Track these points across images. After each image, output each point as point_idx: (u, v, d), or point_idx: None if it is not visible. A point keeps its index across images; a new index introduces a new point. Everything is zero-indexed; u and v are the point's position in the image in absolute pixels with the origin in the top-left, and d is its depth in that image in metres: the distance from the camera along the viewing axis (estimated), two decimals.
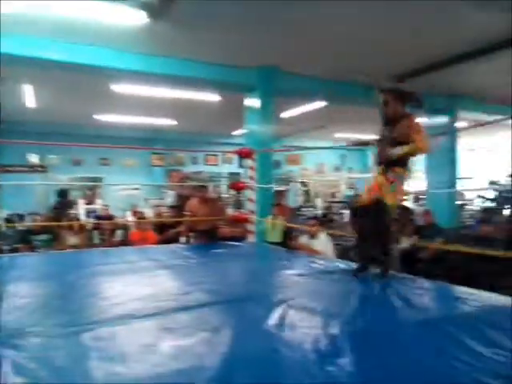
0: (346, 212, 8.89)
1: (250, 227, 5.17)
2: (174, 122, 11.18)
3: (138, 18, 4.84)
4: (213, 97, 8.29)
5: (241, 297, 2.54)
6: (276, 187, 8.44)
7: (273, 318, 2.06)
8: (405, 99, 2.89)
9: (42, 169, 10.08)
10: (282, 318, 2.06)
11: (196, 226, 5.05)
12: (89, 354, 1.67)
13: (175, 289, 2.78)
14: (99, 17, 4.86)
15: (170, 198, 10.11)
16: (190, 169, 13.47)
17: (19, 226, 7.07)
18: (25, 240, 5.28)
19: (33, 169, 9.81)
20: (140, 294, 2.57)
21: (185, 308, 2.31)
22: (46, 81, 7.25)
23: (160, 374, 1.50)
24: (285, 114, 9.71)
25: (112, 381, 1.45)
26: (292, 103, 8.90)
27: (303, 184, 14.19)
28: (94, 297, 2.57)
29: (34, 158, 10.59)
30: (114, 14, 4.78)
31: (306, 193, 14.11)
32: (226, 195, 11.80)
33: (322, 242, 5.02)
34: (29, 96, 8.24)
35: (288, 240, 5.28)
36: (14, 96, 8.11)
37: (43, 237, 5.38)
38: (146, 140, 12.29)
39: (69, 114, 10.07)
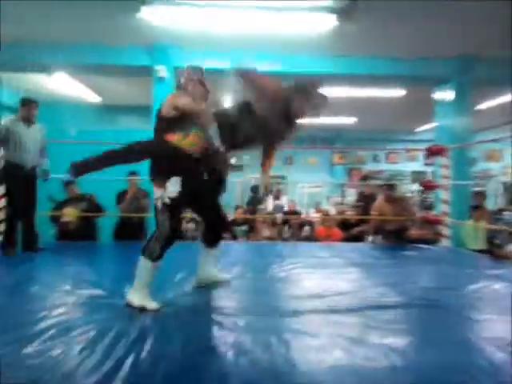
0: None
1: (444, 230, 4.80)
2: (354, 121, 11.15)
3: (328, 22, 5.03)
4: (396, 92, 7.99)
5: (436, 303, 2.42)
6: (475, 187, 7.58)
7: (469, 331, 1.92)
8: None
9: (237, 168, 11.37)
10: (477, 333, 1.89)
11: (383, 225, 4.96)
12: (295, 339, 1.85)
13: (369, 287, 2.80)
14: (288, 27, 5.25)
15: (351, 196, 10.13)
16: (370, 167, 13.23)
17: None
18: (229, 230, 6.08)
19: (233, 168, 11.16)
20: (336, 289, 2.70)
21: (382, 307, 2.34)
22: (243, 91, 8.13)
23: (375, 369, 1.57)
24: (482, 106, 8.65)
25: (318, 368, 1.58)
26: (489, 94, 7.87)
27: (505, 184, 12.33)
28: (293, 286, 2.81)
29: (232, 160, 12.01)
30: (305, 23, 5.09)
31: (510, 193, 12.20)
32: (410, 195, 11.17)
33: None
34: (228, 106, 9.39)
35: (494, 247, 4.71)
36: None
37: (243, 227, 6.08)
38: (328, 139, 12.57)
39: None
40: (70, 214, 4.43)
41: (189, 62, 6.02)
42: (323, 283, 2.87)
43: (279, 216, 7.07)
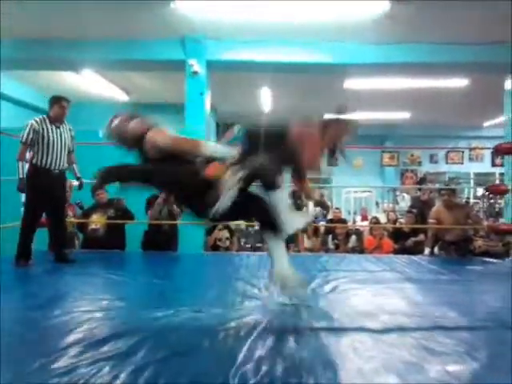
0: None
1: None
2: (407, 116, 10.94)
3: (380, 6, 4.99)
4: (458, 82, 7.78)
5: (507, 325, 2.35)
6: None
7: None
8: None
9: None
10: None
11: (442, 235, 4.85)
12: (343, 361, 1.85)
13: (427, 305, 2.76)
14: (336, 14, 5.25)
15: (404, 202, 9.95)
16: (427, 168, 12.90)
17: (256, 226, 8.23)
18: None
19: None
20: (389, 307, 2.67)
21: (443, 328, 2.30)
22: (283, 84, 8.18)
23: None
24: None
25: None
26: None
27: None
28: (341, 303, 2.80)
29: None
30: (355, 7, 5.07)
31: None
32: (474, 200, 10.82)
33: None
34: (265, 100, 9.48)
35: None
36: (251, 101, 9.49)
37: None
38: (376, 137, 12.40)
39: (300, 116, 11.07)
40: (97, 220, 4.61)
41: (224, 55, 6.21)
42: (374, 300, 2.85)
43: (322, 225, 7.06)
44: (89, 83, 8.14)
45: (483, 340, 2.16)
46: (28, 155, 3.92)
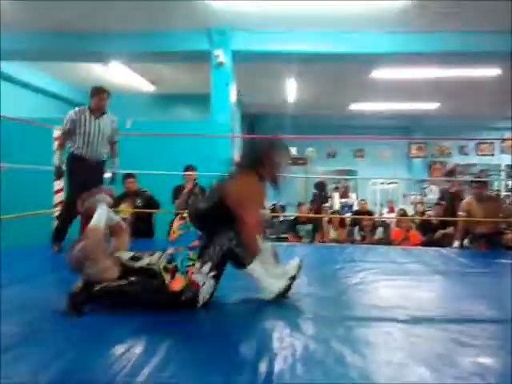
0: None
1: None
2: (436, 106, 10.72)
3: None
4: (490, 71, 7.58)
5: None
6: None
7: None
8: None
9: (302, 161, 11.37)
10: None
11: (473, 228, 4.75)
12: (372, 352, 1.85)
13: (457, 298, 2.71)
14: (363, 3, 5.17)
15: (432, 194, 9.77)
16: (457, 160, 12.61)
17: (282, 216, 8.23)
18: (292, 229, 6.12)
19: (294, 161, 11.18)
20: (418, 299, 2.64)
21: (474, 321, 2.26)
22: (309, 74, 8.11)
23: None
24: None
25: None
26: None
27: None
28: (369, 294, 2.79)
29: (293, 151, 12.05)
30: None
31: None
32: (507, 193, 10.54)
33: None
34: (290, 91, 9.42)
35: None
36: (277, 92, 9.45)
37: (308, 227, 6.08)
38: (404, 128, 12.20)
39: (325, 106, 11.01)
40: (126, 209, 4.70)
41: (250, 46, 6.20)
42: (403, 292, 2.82)
43: (348, 216, 7.01)
44: (116, 74, 8.25)
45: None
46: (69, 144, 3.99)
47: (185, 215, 2.52)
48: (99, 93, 3.98)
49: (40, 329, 1.98)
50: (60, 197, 4.69)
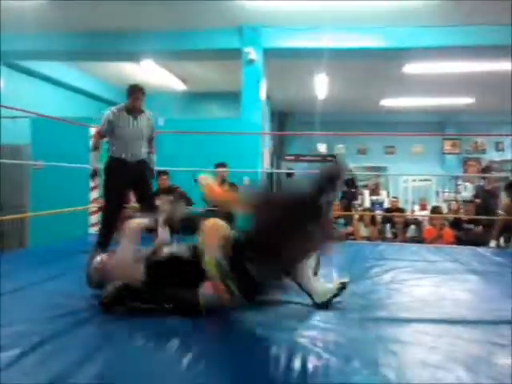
0: None
1: None
2: (471, 101, 10.43)
3: None
4: None
5: None
6: None
7: None
8: None
9: (331, 158, 11.26)
10: None
11: (510, 228, 4.63)
12: (406, 352, 1.83)
13: (494, 298, 2.65)
14: None
15: (466, 191, 9.53)
16: (493, 157, 12.23)
17: None
18: None
19: (322, 158, 11.09)
20: (453, 298, 2.60)
21: (507, 322, 2.21)
22: (340, 70, 8.03)
23: None
24: None
25: None
26: None
27: None
28: (401, 293, 2.75)
29: (322, 148, 11.97)
30: None
31: None
32: None
33: None
34: (320, 87, 9.35)
35: None
36: (307, 88, 9.39)
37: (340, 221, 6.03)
38: (437, 124, 11.93)
39: (356, 102, 10.88)
40: None
41: (280, 42, 6.19)
42: (437, 291, 2.78)
43: (380, 214, 6.93)
44: (148, 73, 8.38)
45: None
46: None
47: None
48: (136, 91, 3.80)
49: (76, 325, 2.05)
50: (96, 193, 4.85)
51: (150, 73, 8.37)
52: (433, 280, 3.07)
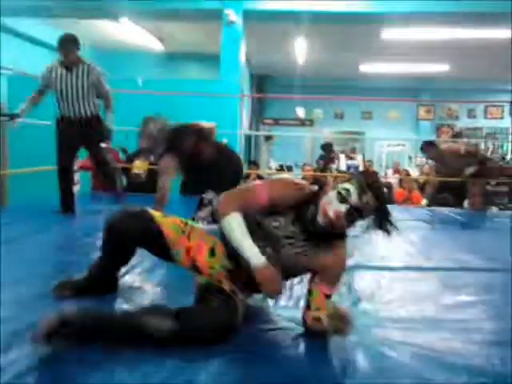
0: None
1: None
2: (446, 68, 10.60)
3: None
4: (502, 33, 7.46)
5: None
6: None
7: None
8: None
9: (308, 122, 11.41)
10: None
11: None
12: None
13: (449, 251, 2.92)
14: None
15: None
16: (464, 123, 12.56)
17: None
18: None
19: (300, 122, 11.23)
20: (412, 250, 2.87)
21: (462, 269, 2.48)
22: (318, 35, 8.05)
23: (437, 319, 1.76)
24: None
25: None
26: None
27: None
28: (367, 246, 2.97)
29: (300, 112, 12.06)
30: None
31: None
32: None
33: None
34: (300, 51, 9.36)
35: None
36: (286, 53, 9.39)
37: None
38: (413, 90, 12.09)
39: (334, 67, 10.93)
40: (140, 166, 4.88)
41: (260, 5, 6.16)
42: (399, 245, 3.02)
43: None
44: (126, 32, 8.23)
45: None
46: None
47: None
48: (67, 42, 3.48)
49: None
50: None
51: (128, 32, 8.22)
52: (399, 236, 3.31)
